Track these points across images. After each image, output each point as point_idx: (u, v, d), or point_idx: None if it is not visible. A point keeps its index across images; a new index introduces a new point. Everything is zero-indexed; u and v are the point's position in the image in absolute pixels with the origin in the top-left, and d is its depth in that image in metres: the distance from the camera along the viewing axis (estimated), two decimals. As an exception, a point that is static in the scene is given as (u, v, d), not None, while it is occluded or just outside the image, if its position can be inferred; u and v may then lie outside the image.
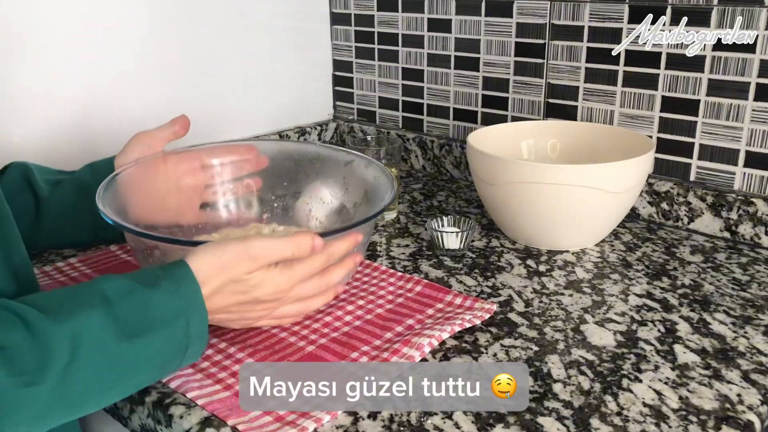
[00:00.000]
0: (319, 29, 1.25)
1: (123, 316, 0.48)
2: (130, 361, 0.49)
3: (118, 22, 0.97)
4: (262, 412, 0.52)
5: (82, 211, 0.74)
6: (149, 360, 0.50)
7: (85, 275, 0.76)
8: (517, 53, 1.02)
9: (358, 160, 0.77)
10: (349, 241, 0.60)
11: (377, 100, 1.24)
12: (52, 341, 0.45)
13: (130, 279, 0.51)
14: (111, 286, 0.49)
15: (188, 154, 0.78)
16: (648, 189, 0.92)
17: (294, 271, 0.56)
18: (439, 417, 0.52)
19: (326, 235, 0.58)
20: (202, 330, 0.52)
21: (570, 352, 0.61)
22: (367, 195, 0.73)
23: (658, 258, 0.81)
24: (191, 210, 0.79)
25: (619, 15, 0.90)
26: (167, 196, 0.76)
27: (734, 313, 0.68)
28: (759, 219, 0.83)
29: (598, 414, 0.53)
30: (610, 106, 0.94)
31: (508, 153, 0.92)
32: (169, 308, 0.50)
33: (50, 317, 0.46)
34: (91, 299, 0.48)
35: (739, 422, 0.52)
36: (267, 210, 0.82)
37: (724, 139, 0.86)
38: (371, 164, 0.75)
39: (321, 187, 0.80)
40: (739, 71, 0.82)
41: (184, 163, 0.77)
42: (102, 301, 0.48)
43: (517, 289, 0.73)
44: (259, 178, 0.82)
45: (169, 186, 0.77)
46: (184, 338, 0.51)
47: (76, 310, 0.47)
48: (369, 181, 0.73)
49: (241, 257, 0.53)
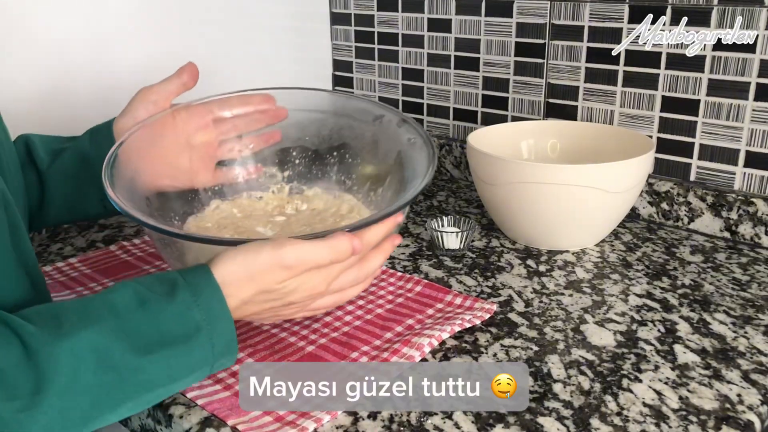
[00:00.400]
0: (319, 29, 1.25)
1: (134, 330, 0.44)
2: (143, 379, 0.45)
3: (116, 23, 0.97)
4: (262, 412, 0.52)
5: (85, 183, 0.69)
6: (166, 376, 0.46)
7: (85, 275, 0.76)
8: (517, 53, 1.02)
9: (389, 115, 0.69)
10: (388, 225, 0.55)
11: (377, 100, 1.24)
12: (49, 361, 0.42)
13: (145, 287, 0.47)
14: (122, 296, 0.46)
15: (198, 107, 0.71)
16: (648, 189, 0.92)
17: (330, 271, 0.52)
18: (439, 417, 0.52)
19: (361, 226, 0.52)
20: (229, 342, 0.49)
21: (570, 352, 0.61)
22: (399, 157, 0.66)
23: (658, 258, 0.81)
24: (206, 170, 0.72)
25: (619, 15, 0.90)
26: (179, 156, 0.69)
27: (734, 313, 0.68)
28: (759, 219, 0.83)
29: (598, 414, 0.53)
30: (610, 106, 0.94)
31: (508, 153, 0.92)
32: (186, 321, 0.46)
33: (50, 334, 0.42)
34: (99, 312, 0.45)
35: (739, 422, 0.52)
36: (288, 167, 0.76)
37: (724, 139, 0.86)
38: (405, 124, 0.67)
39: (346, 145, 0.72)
40: (739, 71, 0.82)
41: (195, 119, 0.70)
42: (110, 313, 0.45)
43: (517, 289, 0.73)
44: (278, 131, 0.75)
45: (180, 145, 0.69)
46: (209, 353, 0.47)
47: (80, 324, 0.43)
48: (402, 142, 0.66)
49: (273, 267, 0.49)
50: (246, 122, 0.73)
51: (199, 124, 0.70)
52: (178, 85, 0.69)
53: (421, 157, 0.63)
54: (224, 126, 0.72)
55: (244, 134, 0.73)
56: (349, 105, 0.74)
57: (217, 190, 0.73)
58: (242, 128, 0.73)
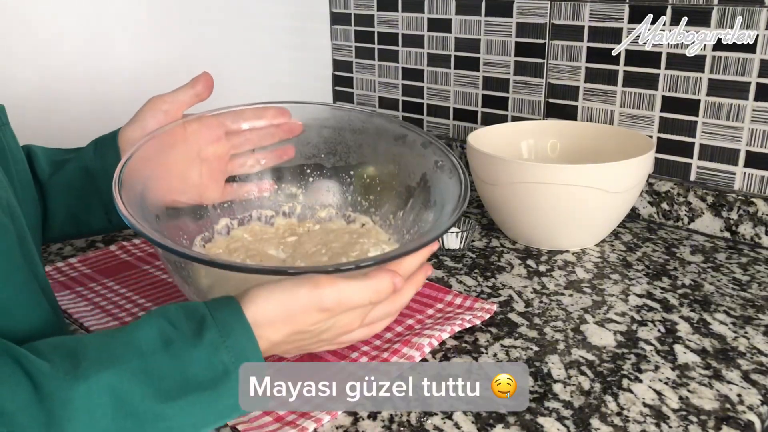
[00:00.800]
0: (319, 29, 1.25)
1: (158, 372, 0.41)
2: (165, 426, 0.41)
3: (116, 23, 0.97)
4: (262, 412, 0.52)
5: (88, 196, 0.67)
6: (190, 425, 0.42)
7: (85, 275, 0.76)
8: (517, 53, 1.02)
9: (413, 135, 0.66)
10: (424, 254, 0.52)
11: (377, 100, 1.24)
12: (64, 405, 0.38)
13: (171, 324, 0.43)
14: (146, 335, 0.42)
15: (211, 119, 0.68)
16: (648, 189, 0.92)
17: (366, 309, 0.50)
18: (439, 417, 0.52)
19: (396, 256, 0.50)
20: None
21: (570, 352, 0.61)
22: (425, 180, 0.63)
23: (659, 258, 0.81)
24: (216, 185, 0.69)
25: (619, 15, 0.90)
26: (189, 170, 0.66)
27: (734, 313, 0.68)
28: (759, 219, 0.83)
29: (598, 414, 0.53)
30: (610, 106, 0.94)
31: (508, 153, 0.92)
32: (214, 364, 0.43)
33: (66, 375, 0.39)
34: (123, 351, 0.41)
35: (740, 422, 0.52)
36: (301, 185, 0.73)
37: (724, 139, 0.86)
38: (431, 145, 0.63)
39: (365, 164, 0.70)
40: (739, 71, 0.82)
41: (207, 131, 0.67)
42: (133, 353, 0.41)
43: (517, 289, 0.73)
44: (292, 147, 0.72)
45: (191, 158, 0.66)
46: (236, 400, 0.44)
47: (101, 364, 0.40)
48: (426, 165, 0.64)
49: (311, 308, 0.46)
50: (259, 136, 0.71)
51: (211, 136, 0.67)
52: (192, 95, 0.66)
53: (451, 182, 0.60)
54: (237, 139, 0.70)
55: (256, 149, 0.71)
56: (369, 122, 0.71)
57: (227, 206, 0.71)
58: (255, 142, 0.71)
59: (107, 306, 0.69)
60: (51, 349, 0.41)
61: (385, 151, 0.69)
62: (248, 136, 0.70)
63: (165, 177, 0.62)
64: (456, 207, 0.56)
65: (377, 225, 0.72)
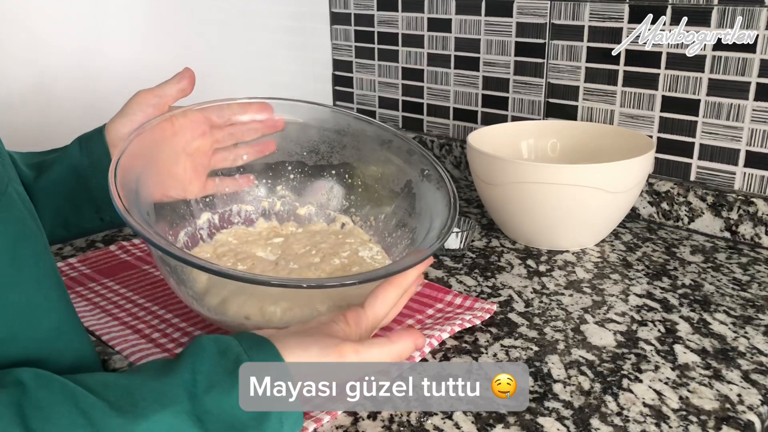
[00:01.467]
0: (319, 29, 1.25)
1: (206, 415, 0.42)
2: None
3: (115, 23, 0.97)
4: (261, 412, 0.52)
5: (78, 196, 0.66)
6: None
7: (84, 275, 0.76)
8: (517, 53, 1.02)
9: (399, 141, 0.67)
10: (421, 267, 0.55)
11: (377, 99, 1.24)
12: None
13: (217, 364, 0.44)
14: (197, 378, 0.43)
15: (196, 113, 0.68)
16: (648, 189, 0.92)
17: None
18: (439, 417, 0.52)
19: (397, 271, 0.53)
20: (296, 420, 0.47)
21: (570, 352, 0.61)
22: (409, 187, 0.64)
23: (659, 258, 0.81)
24: (198, 180, 0.69)
25: (619, 15, 0.90)
26: (176, 164, 0.67)
27: (734, 313, 0.68)
28: (759, 219, 0.83)
29: (598, 414, 0.53)
30: (610, 106, 0.94)
31: (508, 153, 0.92)
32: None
33: (122, 415, 0.39)
34: (175, 392, 0.42)
35: (740, 422, 0.52)
36: (282, 182, 0.73)
37: (724, 139, 0.86)
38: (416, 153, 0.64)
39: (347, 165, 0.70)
40: (739, 71, 0.82)
41: (193, 125, 0.67)
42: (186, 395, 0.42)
43: (517, 289, 0.73)
44: (273, 142, 0.72)
45: (177, 153, 0.66)
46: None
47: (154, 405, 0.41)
48: (412, 172, 0.65)
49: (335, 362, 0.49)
50: (242, 131, 0.71)
51: (197, 131, 0.68)
52: (178, 90, 0.67)
53: (439, 194, 0.62)
54: (220, 134, 0.70)
55: (238, 143, 0.71)
56: (356, 125, 0.71)
57: (208, 201, 0.71)
58: (238, 137, 0.71)
59: (107, 306, 0.69)
60: (102, 387, 0.41)
61: (370, 154, 0.70)
62: (231, 130, 0.71)
63: (156, 172, 0.62)
64: (448, 222, 0.58)
65: (357, 225, 0.74)
